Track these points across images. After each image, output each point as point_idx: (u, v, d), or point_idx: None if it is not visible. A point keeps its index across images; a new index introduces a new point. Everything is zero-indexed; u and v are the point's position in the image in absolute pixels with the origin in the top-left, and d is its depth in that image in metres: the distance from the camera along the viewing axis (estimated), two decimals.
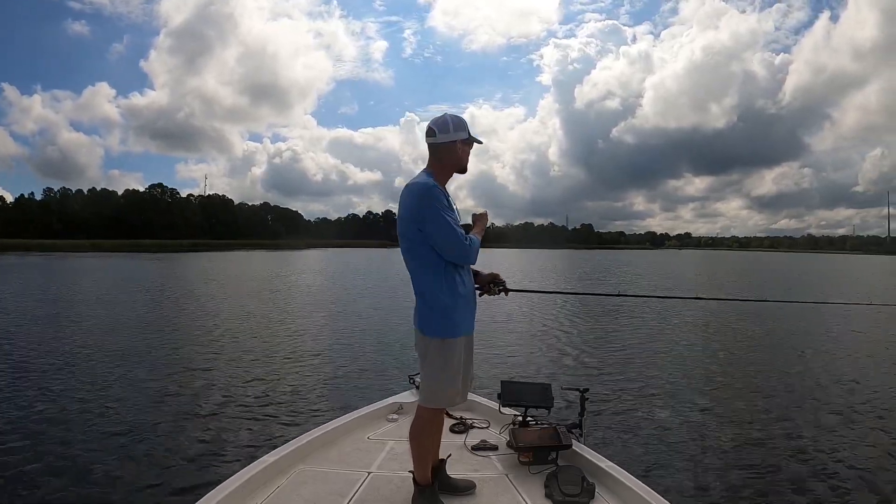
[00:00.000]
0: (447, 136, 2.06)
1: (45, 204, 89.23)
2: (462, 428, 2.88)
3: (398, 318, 10.53)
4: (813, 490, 3.51)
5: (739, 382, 6.27)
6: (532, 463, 2.41)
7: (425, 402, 2.10)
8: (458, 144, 2.06)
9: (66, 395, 5.39)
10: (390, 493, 2.19)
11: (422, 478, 2.11)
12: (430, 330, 2.05)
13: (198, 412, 4.93)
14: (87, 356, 7.28)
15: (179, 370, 6.55)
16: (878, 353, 8.12)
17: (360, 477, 2.32)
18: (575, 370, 6.76)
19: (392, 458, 2.52)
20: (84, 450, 4.02)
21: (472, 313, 2.14)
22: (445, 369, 2.04)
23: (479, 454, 2.60)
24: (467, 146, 2.09)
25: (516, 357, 7.54)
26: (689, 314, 12.39)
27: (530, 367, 6.93)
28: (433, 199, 1.96)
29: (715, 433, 4.55)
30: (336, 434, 2.74)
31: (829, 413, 5.09)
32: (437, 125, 2.07)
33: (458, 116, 2.09)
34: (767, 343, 8.88)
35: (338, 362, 7.12)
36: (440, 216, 1.96)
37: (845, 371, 6.85)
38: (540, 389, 2.83)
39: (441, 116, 2.09)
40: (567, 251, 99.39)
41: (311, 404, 5.24)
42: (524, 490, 2.22)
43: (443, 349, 2.03)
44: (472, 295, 2.15)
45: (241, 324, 10.37)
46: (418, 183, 2.02)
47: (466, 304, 2.10)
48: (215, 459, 3.87)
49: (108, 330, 9.46)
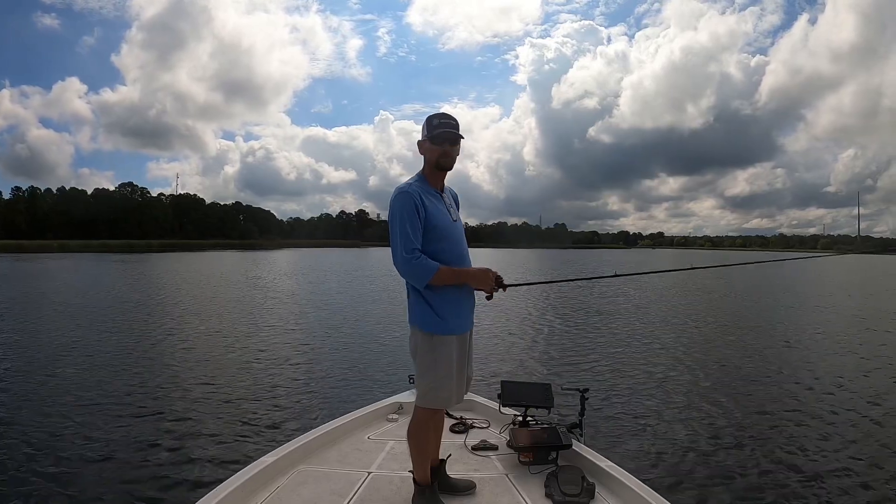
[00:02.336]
0: (420, 137, 2.10)
1: (13, 203, 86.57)
2: (462, 428, 2.88)
3: (397, 318, 10.51)
4: (813, 490, 3.50)
5: (740, 382, 6.27)
6: (532, 463, 2.41)
7: (419, 401, 2.10)
8: (426, 143, 2.08)
9: (66, 396, 5.40)
10: (390, 493, 2.19)
11: (421, 478, 2.11)
12: (418, 326, 2.05)
13: (198, 413, 4.92)
14: (87, 356, 7.29)
15: (178, 371, 6.55)
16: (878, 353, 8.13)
17: (360, 477, 2.32)
18: (575, 370, 6.76)
19: (392, 458, 2.52)
20: (84, 450, 4.02)
21: (465, 313, 2.11)
22: (436, 367, 2.02)
23: (479, 454, 2.60)
24: (435, 144, 2.06)
25: (516, 357, 7.54)
26: (689, 314, 12.42)
27: (530, 367, 6.93)
28: (394, 203, 2.00)
29: (716, 433, 4.55)
30: (336, 434, 2.74)
31: (830, 412, 5.08)
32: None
33: (430, 115, 2.11)
34: (768, 343, 8.87)
35: (338, 362, 7.12)
36: (394, 224, 1.98)
37: (854, 371, 6.86)
38: (540, 389, 2.83)
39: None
40: (540, 250, 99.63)
41: (311, 404, 5.24)
42: (524, 490, 2.21)
43: (432, 346, 2.02)
44: (465, 294, 2.11)
45: (241, 324, 10.38)
46: (397, 186, 2.07)
47: (458, 303, 2.07)
48: (215, 459, 3.86)
49: (107, 329, 9.47)
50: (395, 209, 1.99)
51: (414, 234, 1.96)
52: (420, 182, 2.09)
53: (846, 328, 10.80)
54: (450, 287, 2.04)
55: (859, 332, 10.36)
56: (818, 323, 11.42)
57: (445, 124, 2.05)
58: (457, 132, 2.07)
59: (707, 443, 4.32)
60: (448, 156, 2.08)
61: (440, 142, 2.06)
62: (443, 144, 2.06)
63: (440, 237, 2.03)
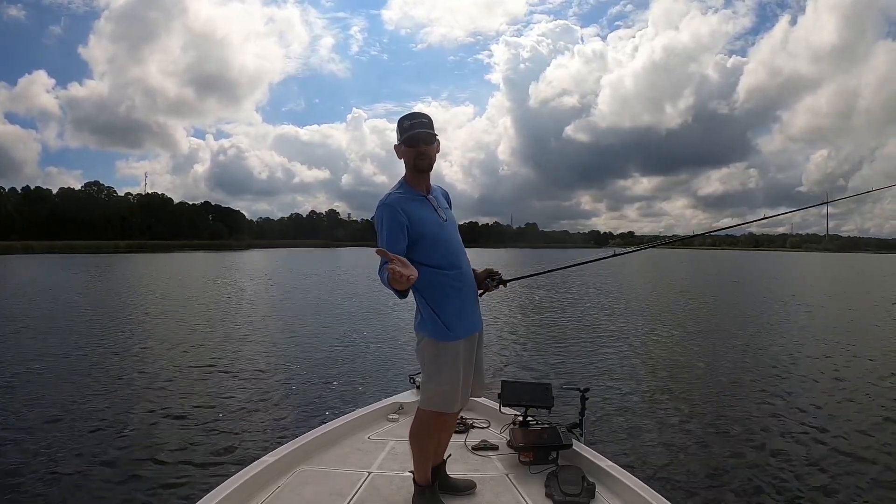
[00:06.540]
0: (396, 141, 2.04)
1: None
2: (462, 428, 2.87)
3: (397, 318, 10.49)
4: (813, 490, 3.51)
5: (741, 381, 6.26)
6: (532, 463, 2.41)
7: (423, 403, 2.08)
8: (401, 147, 2.03)
9: (65, 395, 5.40)
10: (391, 493, 2.18)
11: (422, 478, 2.11)
12: (424, 332, 2.03)
13: (198, 413, 4.92)
14: (86, 356, 7.29)
15: (178, 371, 6.55)
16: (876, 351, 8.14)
17: (360, 477, 2.32)
18: (575, 370, 6.76)
19: (392, 458, 2.52)
20: (84, 450, 4.02)
21: (470, 315, 2.08)
22: (441, 372, 2.00)
23: (479, 454, 2.60)
24: (409, 146, 2.01)
25: (516, 357, 7.54)
26: (689, 313, 12.42)
27: (530, 367, 6.93)
28: (376, 216, 1.97)
29: (716, 433, 4.55)
30: (336, 434, 2.73)
31: (831, 412, 5.09)
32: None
33: (401, 117, 2.05)
34: (769, 343, 8.87)
35: (338, 362, 7.12)
36: (378, 236, 1.94)
37: (855, 369, 6.86)
38: (540, 389, 2.82)
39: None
40: (510, 249, 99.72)
41: (311, 404, 5.24)
42: (524, 490, 2.21)
43: (438, 352, 2.00)
44: (470, 297, 2.10)
45: (241, 325, 10.38)
46: (380, 198, 2.01)
47: (462, 307, 2.05)
48: (216, 459, 3.87)
49: (105, 329, 9.47)
50: (377, 222, 1.95)
51: (392, 246, 1.87)
52: (402, 189, 2.03)
53: (849, 326, 10.80)
54: (453, 291, 2.02)
55: (859, 332, 10.36)
56: (822, 321, 11.43)
57: (417, 124, 1.99)
58: (429, 131, 2.00)
59: (707, 442, 4.33)
60: (425, 156, 2.01)
61: (414, 143, 2.00)
62: (417, 145, 2.00)
63: (431, 244, 1.99)
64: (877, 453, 4.09)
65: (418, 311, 2.05)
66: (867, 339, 9.41)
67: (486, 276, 2.26)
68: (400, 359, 7.14)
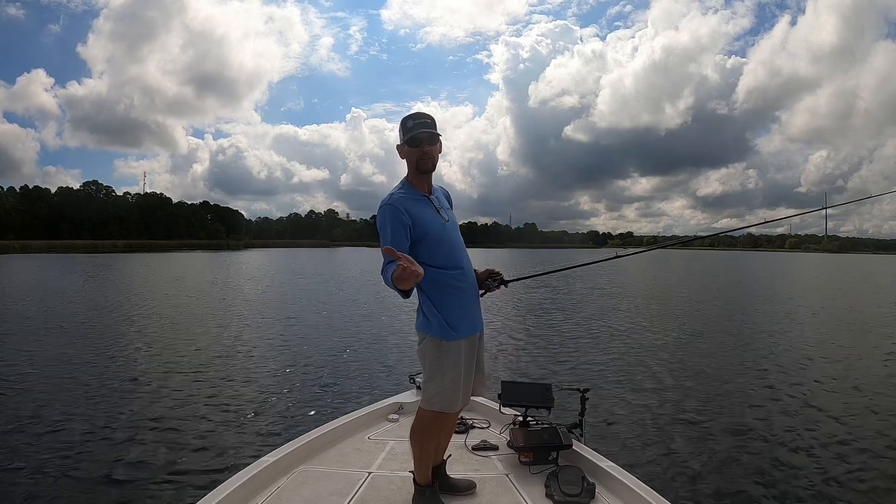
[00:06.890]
0: (399, 141, 2.05)
1: None
2: (462, 428, 2.87)
3: (397, 318, 10.51)
4: (813, 489, 3.51)
5: (740, 382, 6.27)
6: (532, 463, 2.41)
7: (424, 404, 2.08)
8: (404, 148, 2.03)
9: (64, 395, 5.40)
10: (391, 494, 2.19)
11: (422, 478, 2.11)
12: (426, 331, 2.03)
13: (199, 413, 4.93)
14: (85, 356, 7.29)
15: (178, 371, 6.55)
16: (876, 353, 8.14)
17: (360, 477, 2.32)
18: (575, 370, 6.76)
19: (392, 458, 2.52)
20: (83, 451, 4.02)
21: (472, 315, 2.08)
22: (443, 372, 2.00)
23: (479, 454, 2.60)
24: (412, 146, 2.01)
25: (516, 357, 7.55)
26: (689, 314, 12.43)
27: (530, 367, 6.93)
28: (378, 216, 1.96)
29: (717, 433, 4.55)
30: (336, 434, 2.73)
31: (831, 412, 5.09)
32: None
33: (404, 117, 2.04)
34: (769, 343, 8.88)
35: (338, 362, 7.13)
36: (383, 237, 1.92)
37: (855, 370, 6.87)
38: (540, 389, 2.82)
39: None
40: (509, 250, 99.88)
41: (311, 404, 5.24)
42: (524, 490, 2.22)
43: (440, 352, 2.00)
44: (471, 297, 2.10)
45: (240, 325, 10.38)
46: (382, 198, 2.00)
47: (463, 307, 2.05)
48: (216, 460, 3.87)
49: (104, 330, 9.47)
50: (380, 222, 1.95)
51: (396, 245, 1.85)
52: (405, 189, 2.03)
53: (848, 327, 10.81)
54: (455, 291, 2.02)
55: (859, 332, 10.38)
56: (821, 322, 11.44)
57: (420, 124, 1.98)
58: (432, 130, 1.99)
59: (708, 442, 4.33)
60: (427, 156, 2.01)
61: (417, 143, 2.00)
62: (420, 146, 2.00)
63: (433, 243, 1.99)
64: (877, 453, 4.10)
65: (420, 310, 2.05)
66: (867, 340, 9.42)
67: (487, 276, 2.26)
68: (400, 359, 7.14)
